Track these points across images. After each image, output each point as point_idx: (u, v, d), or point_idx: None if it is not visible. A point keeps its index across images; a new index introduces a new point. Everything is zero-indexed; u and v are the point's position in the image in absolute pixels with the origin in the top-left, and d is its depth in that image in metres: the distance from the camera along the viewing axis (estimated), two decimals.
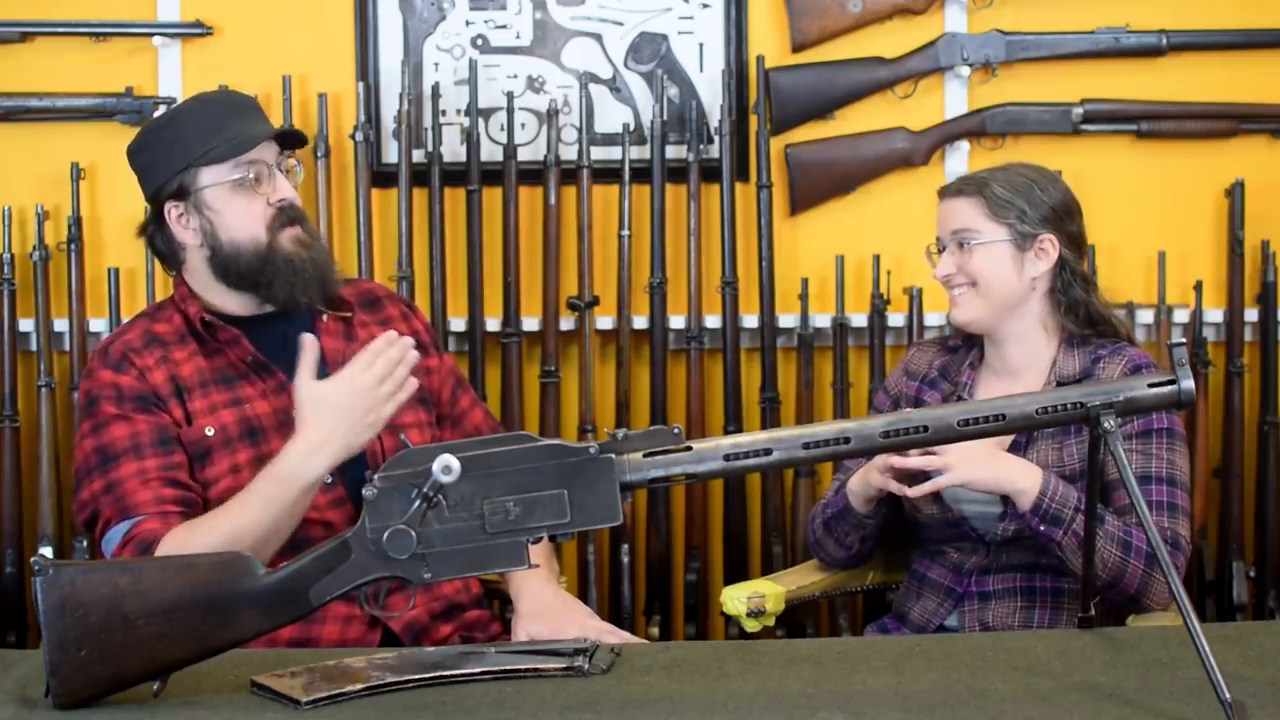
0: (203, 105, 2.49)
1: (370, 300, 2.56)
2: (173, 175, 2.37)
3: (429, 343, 2.56)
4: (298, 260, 2.38)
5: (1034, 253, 2.50)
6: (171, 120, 2.43)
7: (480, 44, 3.40)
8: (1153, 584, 2.34)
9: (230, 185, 2.36)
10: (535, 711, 1.76)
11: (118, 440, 2.29)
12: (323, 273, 2.41)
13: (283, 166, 2.41)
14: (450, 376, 2.59)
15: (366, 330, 2.49)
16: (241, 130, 2.37)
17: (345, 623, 2.33)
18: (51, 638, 1.75)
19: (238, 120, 2.40)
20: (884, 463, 2.41)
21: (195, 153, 2.35)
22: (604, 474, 1.79)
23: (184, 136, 2.38)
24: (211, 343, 2.39)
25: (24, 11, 3.33)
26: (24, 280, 3.32)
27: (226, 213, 2.37)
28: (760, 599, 2.56)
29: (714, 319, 3.37)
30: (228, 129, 2.37)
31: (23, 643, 3.26)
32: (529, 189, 3.36)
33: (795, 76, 3.37)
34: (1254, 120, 3.38)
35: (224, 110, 2.43)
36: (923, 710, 1.74)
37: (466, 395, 2.61)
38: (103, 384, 2.33)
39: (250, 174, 2.36)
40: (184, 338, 2.40)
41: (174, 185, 2.38)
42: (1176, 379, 1.82)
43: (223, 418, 2.35)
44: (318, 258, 2.41)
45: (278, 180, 2.39)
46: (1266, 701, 1.73)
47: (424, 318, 2.63)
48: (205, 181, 2.36)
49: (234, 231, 2.37)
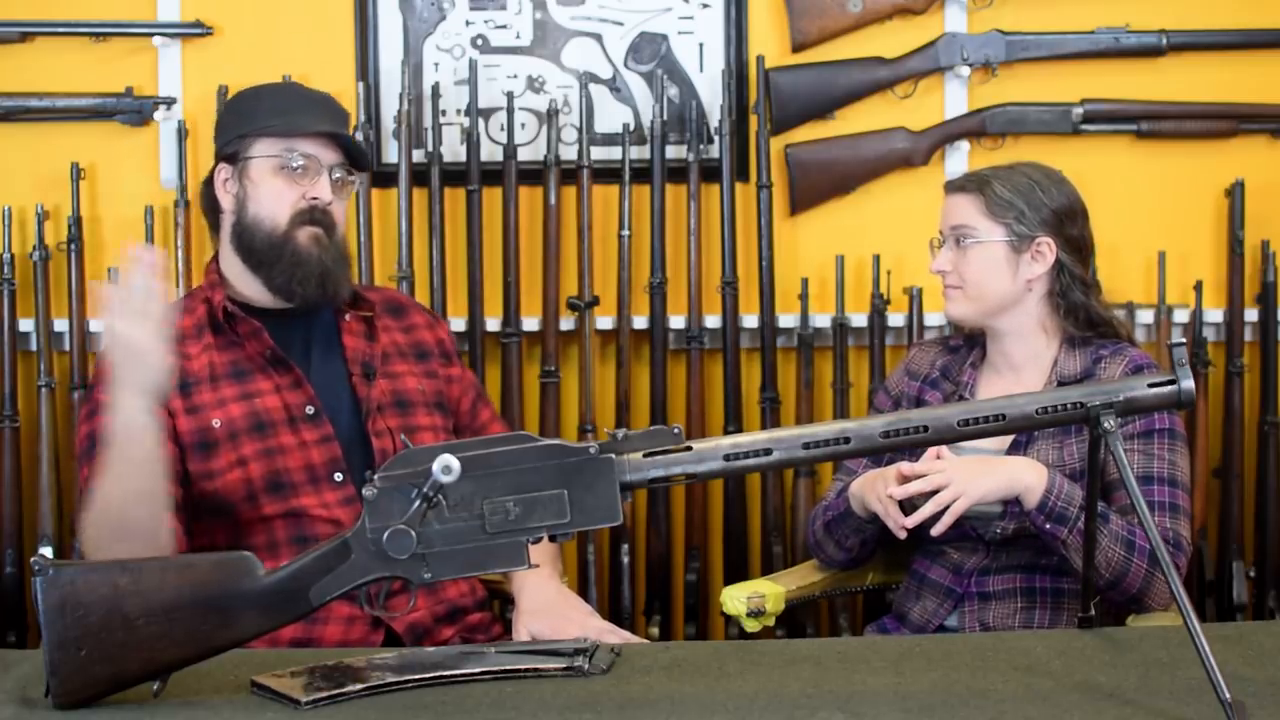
0: (288, 88, 2.62)
1: (396, 307, 2.61)
2: (232, 138, 2.46)
3: (452, 352, 2.62)
4: (305, 254, 2.41)
5: (1030, 255, 2.50)
6: (257, 92, 2.53)
7: (480, 44, 3.40)
8: (1154, 584, 2.34)
9: (275, 165, 2.43)
10: (535, 711, 1.76)
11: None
12: (326, 274, 2.43)
13: (335, 175, 2.46)
14: (471, 389, 2.63)
15: (389, 335, 2.53)
16: (305, 121, 2.45)
17: (348, 623, 2.33)
18: (51, 638, 1.75)
19: (309, 112, 2.48)
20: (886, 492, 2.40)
21: (258, 124, 2.44)
22: (604, 474, 1.79)
23: (257, 107, 2.48)
24: (230, 335, 2.43)
25: (24, 11, 3.33)
26: (24, 280, 3.32)
27: (261, 188, 2.43)
28: (760, 599, 2.56)
29: (714, 319, 3.37)
30: (296, 115, 2.46)
31: (23, 643, 3.26)
32: (529, 189, 3.36)
33: (795, 76, 3.37)
34: (1254, 120, 3.38)
35: (303, 101, 2.53)
36: (923, 710, 1.74)
37: (487, 409, 2.64)
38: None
39: (297, 162, 2.42)
40: (202, 330, 2.43)
41: (230, 148, 2.46)
42: (1176, 379, 1.82)
43: (230, 411, 2.37)
44: (328, 259, 2.43)
45: (321, 180, 2.44)
46: (1266, 701, 1.73)
47: (448, 328, 2.67)
48: (255, 153, 2.44)
49: (260, 207, 2.43)
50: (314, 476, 2.37)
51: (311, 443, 2.38)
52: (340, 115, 2.53)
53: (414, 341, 2.57)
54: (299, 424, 2.38)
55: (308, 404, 2.40)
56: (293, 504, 2.34)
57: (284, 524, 2.35)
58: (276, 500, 2.35)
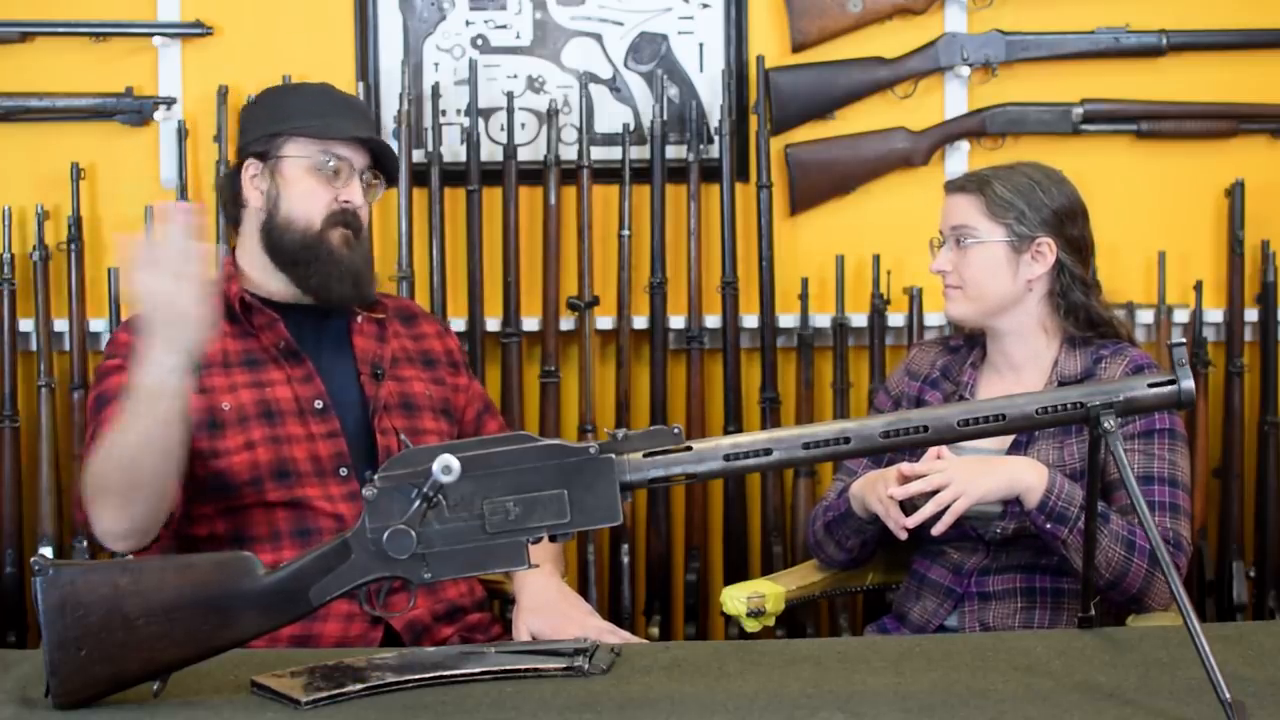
0: (323, 90, 2.60)
1: (408, 315, 2.64)
2: (264, 135, 2.48)
3: (461, 363, 2.64)
4: (339, 254, 2.46)
5: (1030, 255, 2.50)
6: (293, 90, 2.58)
7: (480, 44, 3.40)
8: (1155, 584, 2.34)
9: (309, 165, 2.46)
10: (535, 711, 1.76)
11: (109, 389, 2.33)
12: (358, 275, 2.48)
13: (365, 178, 2.50)
14: (478, 400, 2.64)
15: (399, 340, 2.57)
16: (343, 126, 2.48)
17: (347, 620, 2.34)
18: (51, 638, 1.75)
19: (345, 116, 2.51)
20: (887, 492, 2.40)
21: (293, 124, 2.46)
22: (604, 474, 1.79)
23: (292, 106, 2.50)
24: (245, 325, 2.45)
25: (24, 11, 3.33)
26: (24, 280, 3.32)
27: (295, 188, 2.46)
28: (760, 599, 2.56)
29: (714, 319, 3.37)
30: (332, 118, 2.48)
31: (23, 643, 3.26)
32: (529, 189, 3.36)
33: (795, 76, 3.37)
34: (1254, 120, 3.38)
35: (338, 104, 2.55)
36: (923, 710, 1.74)
37: (494, 421, 2.65)
38: (118, 344, 2.40)
39: (331, 165, 2.45)
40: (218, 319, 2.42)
41: (261, 145, 2.48)
42: (1176, 379, 1.82)
43: (241, 396, 2.40)
44: (358, 261, 2.48)
45: (353, 183, 2.48)
46: (1266, 701, 1.73)
47: (457, 340, 2.69)
48: (289, 152, 2.46)
49: (293, 207, 2.45)
50: (320, 469, 2.38)
51: (319, 435, 2.40)
52: (371, 120, 2.58)
53: (423, 349, 2.59)
54: (307, 416, 2.41)
55: (317, 398, 2.42)
56: (296, 493, 2.35)
57: (286, 514, 2.35)
58: (281, 487, 2.36)
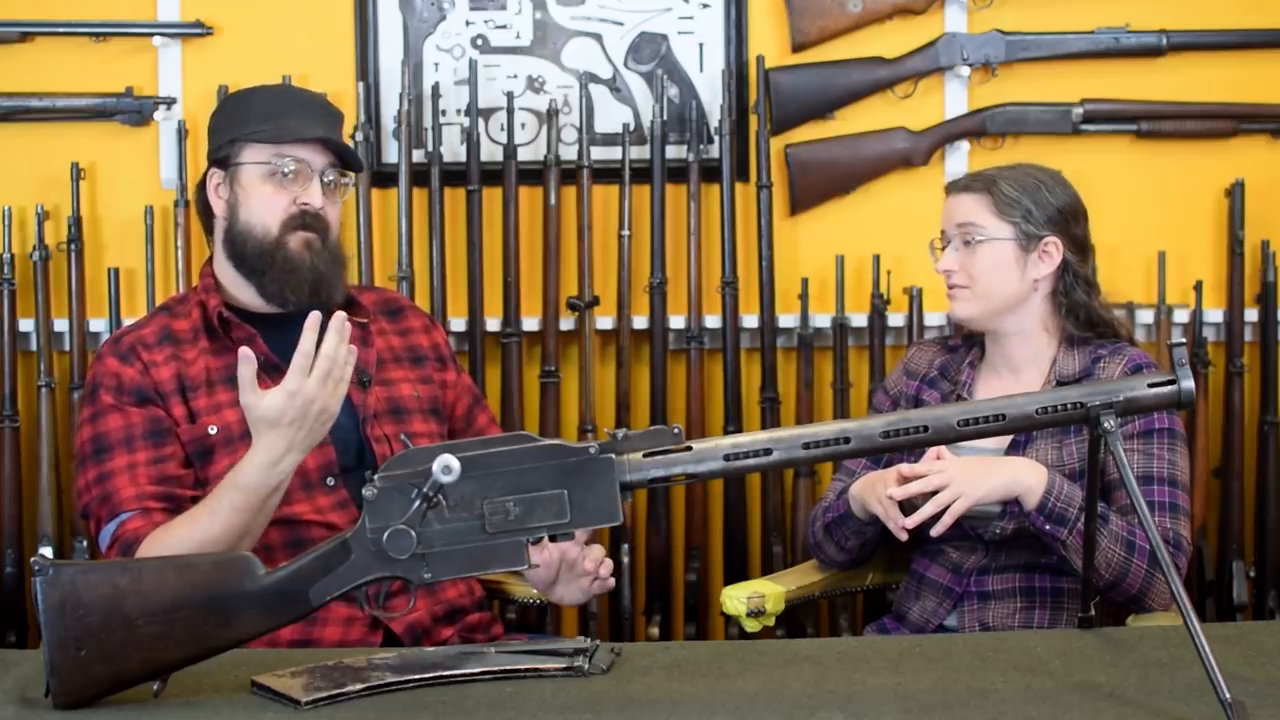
0: (280, 91, 2.58)
1: (393, 309, 2.59)
2: (223, 143, 2.45)
3: (448, 356, 2.60)
4: (296, 260, 2.40)
5: (1038, 254, 2.50)
6: (249, 94, 2.52)
7: (480, 44, 3.40)
8: (1155, 584, 2.34)
9: (265, 171, 2.42)
10: (535, 711, 1.76)
11: (111, 432, 2.32)
12: (319, 279, 2.42)
13: (327, 178, 2.43)
14: (467, 394, 2.61)
15: (384, 338, 2.52)
16: (295, 126, 2.42)
17: (347, 624, 2.33)
18: (51, 638, 1.75)
19: (300, 116, 2.45)
20: (886, 493, 2.40)
21: (248, 129, 2.42)
22: (604, 474, 1.79)
23: (247, 111, 2.46)
24: (225, 340, 2.41)
25: (24, 11, 3.32)
26: (24, 280, 3.32)
27: (252, 195, 2.42)
28: (760, 599, 2.56)
29: (714, 319, 3.37)
30: (285, 119, 2.43)
31: (23, 643, 3.26)
32: (529, 189, 3.36)
33: (795, 76, 3.37)
34: (1254, 120, 3.38)
35: (294, 104, 2.50)
36: (923, 710, 1.74)
37: (484, 414, 2.63)
38: (106, 372, 2.36)
39: (287, 168, 2.41)
40: (198, 334, 2.42)
41: (221, 153, 2.45)
42: (1176, 379, 1.82)
43: (226, 417, 2.35)
44: (320, 264, 2.42)
45: (313, 185, 2.42)
46: (1266, 701, 1.74)
47: (444, 333, 2.66)
48: (245, 159, 2.43)
49: (251, 214, 2.42)
50: (306, 482, 2.35)
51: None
52: (333, 116, 2.51)
53: (409, 345, 2.56)
54: None
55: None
56: (284, 510, 2.30)
57: (278, 530, 2.32)
58: None
